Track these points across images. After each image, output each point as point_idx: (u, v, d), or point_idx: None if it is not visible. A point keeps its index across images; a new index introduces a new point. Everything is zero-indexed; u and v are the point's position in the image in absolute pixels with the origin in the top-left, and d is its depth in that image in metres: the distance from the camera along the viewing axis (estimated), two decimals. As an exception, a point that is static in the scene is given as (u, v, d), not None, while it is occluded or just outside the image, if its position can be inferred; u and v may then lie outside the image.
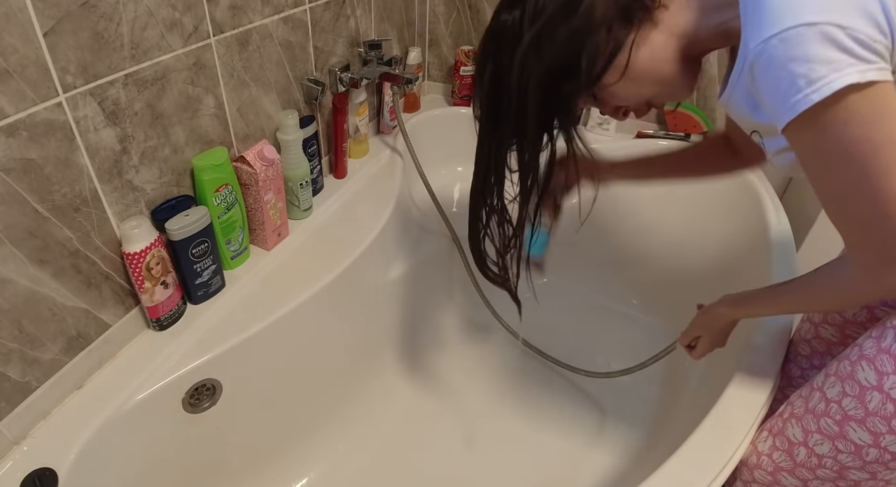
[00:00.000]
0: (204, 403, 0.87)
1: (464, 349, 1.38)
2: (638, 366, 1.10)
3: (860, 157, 0.50)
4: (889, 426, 0.59)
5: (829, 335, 0.80)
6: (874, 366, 0.60)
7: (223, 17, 0.85)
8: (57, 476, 0.69)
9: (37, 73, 0.62)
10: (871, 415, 0.60)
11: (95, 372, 0.80)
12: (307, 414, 1.11)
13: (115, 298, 0.80)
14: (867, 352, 0.62)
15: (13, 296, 0.67)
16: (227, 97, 0.90)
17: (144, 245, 0.77)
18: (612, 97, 0.65)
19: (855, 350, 0.64)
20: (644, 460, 1.09)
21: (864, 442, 0.62)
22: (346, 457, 1.14)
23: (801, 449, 0.68)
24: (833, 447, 0.65)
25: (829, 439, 0.65)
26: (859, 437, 0.62)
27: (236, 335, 0.87)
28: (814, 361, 0.83)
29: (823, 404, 0.66)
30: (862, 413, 0.61)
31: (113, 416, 0.75)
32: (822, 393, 0.66)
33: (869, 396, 0.61)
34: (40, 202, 0.66)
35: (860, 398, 0.61)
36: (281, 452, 1.08)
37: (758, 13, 0.50)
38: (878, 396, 0.60)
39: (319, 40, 1.09)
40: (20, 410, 0.71)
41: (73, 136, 0.68)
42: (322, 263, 1.03)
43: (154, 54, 0.75)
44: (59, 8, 0.62)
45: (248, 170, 0.93)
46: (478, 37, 1.51)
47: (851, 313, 0.77)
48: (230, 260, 0.95)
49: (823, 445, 0.66)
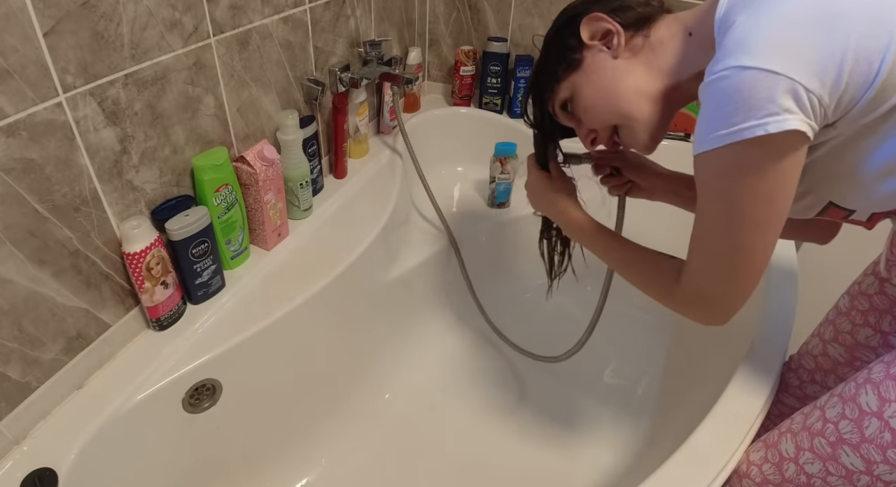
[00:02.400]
0: (204, 403, 0.87)
1: (464, 349, 1.38)
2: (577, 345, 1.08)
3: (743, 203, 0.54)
4: (884, 455, 0.57)
5: (837, 354, 0.79)
6: (878, 392, 0.58)
7: (223, 17, 0.85)
8: (57, 476, 0.69)
9: (37, 73, 0.62)
10: (867, 442, 0.58)
11: (95, 372, 0.79)
12: (307, 414, 1.11)
13: (115, 298, 0.80)
14: (874, 377, 0.60)
15: (13, 296, 0.67)
16: (227, 97, 0.90)
17: (144, 245, 0.77)
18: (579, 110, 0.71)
19: (863, 373, 0.62)
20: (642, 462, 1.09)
21: (855, 468, 0.60)
22: (346, 457, 1.14)
23: (790, 466, 0.66)
24: (824, 468, 0.63)
25: (820, 459, 0.63)
26: (851, 462, 0.60)
27: (236, 335, 0.87)
28: (815, 376, 0.82)
29: (820, 423, 0.64)
30: (857, 438, 0.59)
31: (113, 416, 0.75)
32: (821, 412, 0.64)
33: (867, 422, 0.58)
34: (40, 202, 0.66)
35: (858, 422, 0.59)
36: (281, 452, 1.08)
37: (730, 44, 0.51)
38: (876, 423, 0.57)
39: (319, 40, 1.09)
40: (20, 410, 0.71)
41: (73, 136, 0.68)
42: (322, 263, 1.03)
43: (154, 54, 0.75)
44: (59, 8, 0.62)
45: (248, 170, 0.93)
46: (478, 37, 1.51)
47: (864, 336, 0.75)
48: (230, 260, 0.95)
49: (814, 465, 0.64)
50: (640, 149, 0.70)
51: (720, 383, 0.82)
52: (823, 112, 0.49)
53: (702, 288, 0.62)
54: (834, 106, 0.49)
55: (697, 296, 0.63)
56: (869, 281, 0.75)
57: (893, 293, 0.72)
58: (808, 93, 0.47)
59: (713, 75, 0.50)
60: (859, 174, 0.56)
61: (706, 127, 0.52)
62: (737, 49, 0.49)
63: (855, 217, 0.62)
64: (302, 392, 1.08)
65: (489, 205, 1.43)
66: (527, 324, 1.39)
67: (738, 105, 0.48)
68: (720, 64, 0.50)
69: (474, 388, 1.30)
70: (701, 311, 0.64)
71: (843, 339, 0.77)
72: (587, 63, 0.68)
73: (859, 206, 0.60)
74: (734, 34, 0.50)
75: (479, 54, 1.50)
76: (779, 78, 0.47)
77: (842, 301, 0.80)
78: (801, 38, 0.47)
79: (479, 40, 1.51)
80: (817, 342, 0.82)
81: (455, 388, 1.30)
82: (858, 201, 0.59)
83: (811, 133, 0.50)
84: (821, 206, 0.62)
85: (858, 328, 0.75)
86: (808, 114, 0.48)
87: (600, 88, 0.67)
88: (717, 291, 0.61)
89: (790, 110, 0.47)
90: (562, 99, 0.72)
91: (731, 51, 0.50)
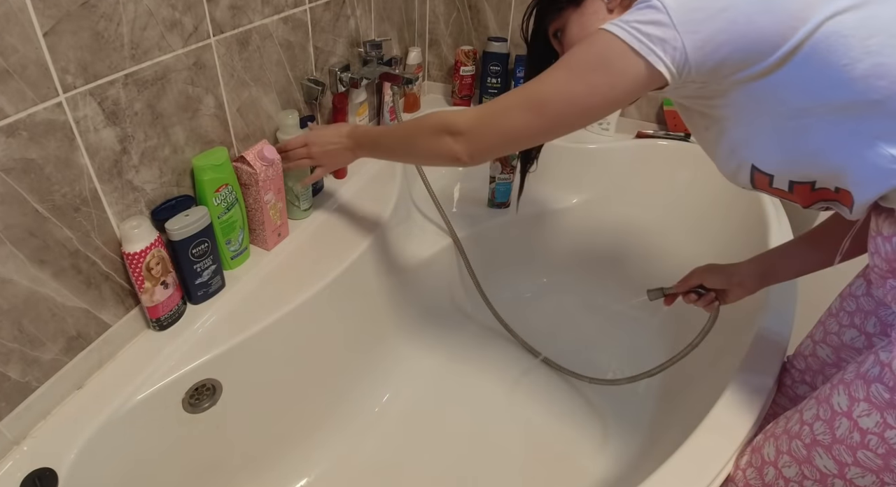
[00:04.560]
0: (204, 403, 0.87)
1: (464, 350, 1.38)
2: (643, 375, 1.09)
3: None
4: (854, 457, 0.56)
5: (824, 355, 0.79)
6: (848, 391, 0.58)
7: (223, 17, 0.85)
8: (57, 476, 0.68)
9: (37, 73, 0.62)
10: (838, 443, 0.58)
11: (95, 372, 0.79)
12: (307, 414, 1.11)
13: (115, 298, 0.80)
14: (846, 376, 0.59)
15: (13, 296, 0.67)
16: (227, 97, 0.90)
17: (144, 245, 0.77)
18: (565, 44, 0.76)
19: (838, 374, 0.62)
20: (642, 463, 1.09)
21: (829, 471, 0.59)
22: (347, 457, 1.14)
23: (770, 469, 0.66)
24: (799, 472, 0.62)
25: (796, 462, 0.62)
26: (825, 465, 0.59)
27: (236, 335, 0.87)
28: (805, 377, 0.82)
29: (798, 425, 0.63)
30: (829, 439, 0.59)
31: (113, 416, 0.75)
32: (800, 414, 0.64)
33: (838, 422, 0.58)
34: (40, 202, 0.66)
35: (830, 423, 0.59)
36: (281, 452, 1.08)
37: None
38: (846, 423, 0.57)
39: (319, 40, 1.09)
40: (20, 410, 0.71)
41: (73, 136, 0.68)
42: (322, 263, 1.03)
43: (154, 54, 0.75)
44: (59, 8, 0.62)
45: (248, 170, 0.93)
46: (478, 37, 1.51)
47: (850, 337, 0.75)
48: (230, 260, 0.95)
49: (791, 468, 0.63)
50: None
51: (720, 383, 0.82)
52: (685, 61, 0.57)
53: (471, 127, 0.72)
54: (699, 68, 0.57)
55: (469, 138, 0.72)
56: (858, 283, 0.75)
57: (879, 295, 0.72)
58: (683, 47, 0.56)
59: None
60: (768, 128, 0.59)
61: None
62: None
63: (776, 185, 0.64)
64: (302, 392, 1.08)
65: (489, 205, 1.43)
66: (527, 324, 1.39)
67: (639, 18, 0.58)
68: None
69: (474, 389, 1.30)
70: (460, 147, 0.74)
71: (831, 340, 0.78)
72: (586, 4, 0.73)
73: (775, 170, 0.62)
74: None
75: (479, 54, 1.51)
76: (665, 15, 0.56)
77: (834, 302, 0.80)
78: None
79: (479, 40, 1.52)
80: (809, 343, 0.82)
81: (455, 389, 1.30)
82: (772, 163, 0.62)
83: (667, 73, 0.57)
84: (747, 171, 0.65)
85: (845, 329, 0.75)
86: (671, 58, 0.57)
87: (584, 32, 0.71)
88: (481, 129, 0.71)
89: (662, 40, 0.56)
90: (555, 27, 0.77)
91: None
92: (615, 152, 1.48)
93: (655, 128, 1.47)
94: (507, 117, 0.68)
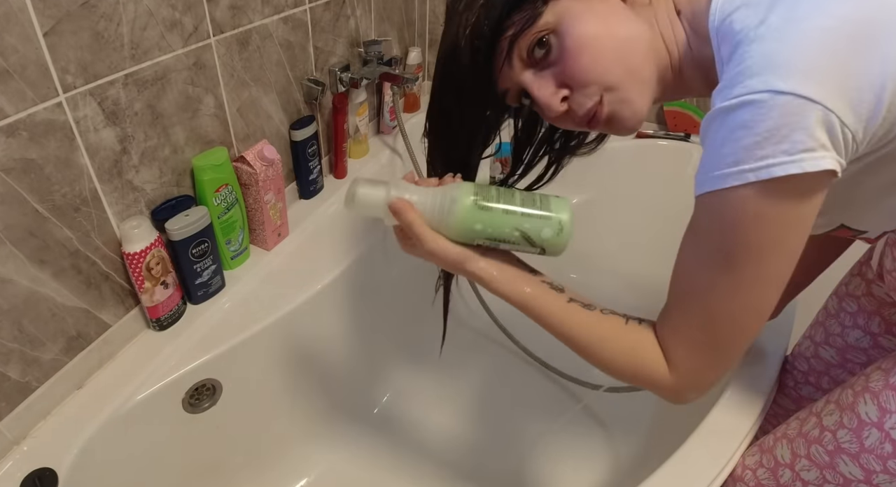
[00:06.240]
0: (204, 403, 0.87)
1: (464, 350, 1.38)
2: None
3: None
4: (885, 465, 0.56)
5: (828, 356, 0.78)
6: (878, 402, 0.57)
7: (223, 17, 0.85)
8: (57, 476, 0.68)
9: (37, 73, 0.62)
10: (867, 452, 0.58)
11: (95, 372, 0.79)
12: (307, 414, 1.11)
13: (115, 298, 0.80)
14: (873, 385, 0.59)
15: (13, 296, 0.67)
16: (227, 97, 0.90)
17: (144, 245, 0.77)
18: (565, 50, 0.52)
19: (860, 380, 0.61)
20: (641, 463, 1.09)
21: (854, 477, 0.59)
22: (347, 457, 1.14)
23: (786, 471, 0.66)
24: (821, 475, 0.62)
25: (817, 467, 0.62)
26: (850, 471, 0.59)
27: (236, 335, 0.87)
28: (809, 378, 0.82)
29: (818, 431, 0.63)
30: (857, 448, 0.58)
31: (113, 416, 0.75)
32: (818, 419, 0.64)
33: (867, 432, 0.57)
34: (40, 202, 0.66)
35: (857, 432, 0.58)
36: (281, 452, 1.08)
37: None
38: (876, 433, 0.57)
39: (319, 40, 1.09)
40: (20, 410, 0.71)
41: (73, 136, 0.68)
42: (322, 263, 1.03)
43: (154, 54, 0.75)
44: (59, 8, 0.62)
45: (248, 170, 0.93)
46: (478, 37, 1.51)
47: (854, 338, 0.74)
48: (230, 260, 0.95)
49: (811, 472, 0.63)
50: (629, 125, 0.55)
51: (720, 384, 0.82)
52: (855, 148, 0.42)
53: (699, 367, 0.51)
54: (868, 140, 0.43)
55: (696, 379, 0.51)
56: (856, 282, 0.75)
57: (881, 294, 0.72)
58: (844, 126, 0.40)
59: (733, 99, 0.41)
60: (878, 198, 0.52)
61: (718, 160, 0.43)
62: (765, 68, 0.41)
63: (866, 236, 0.60)
64: (302, 392, 1.08)
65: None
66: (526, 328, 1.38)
67: (765, 136, 0.40)
68: (742, 85, 0.41)
69: (474, 390, 1.30)
70: (691, 394, 0.52)
71: (834, 341, 0.77)
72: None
73: (873, 227, 0.58)
74: (756, 50, 0.42)
75: (479, 54, 1.50)
76: (815, 107, 0.39)
77: (830, 302, 0.79)
78: (840, 60, 0.40)
79: (479, 40, 1.51)
80: (809, 344, 0.82)
81: (454, 390, 1.30)
82: (873, 223, 0.57)
83: (840, 172, 0.42)
84: (831, 228, 0.60)
85: (848, 330, 0.75)
86: (841, 150, 0.41)
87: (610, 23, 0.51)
88: (713, 365, 0.50)
89: (825, 146, 0.40)
90: (541, 28, 0.52)
91: (755, 69, 0.41)
92: (615, 152, 1.47)
93: (655, 128, 1.47)
94: (739, 340, 0.49)
